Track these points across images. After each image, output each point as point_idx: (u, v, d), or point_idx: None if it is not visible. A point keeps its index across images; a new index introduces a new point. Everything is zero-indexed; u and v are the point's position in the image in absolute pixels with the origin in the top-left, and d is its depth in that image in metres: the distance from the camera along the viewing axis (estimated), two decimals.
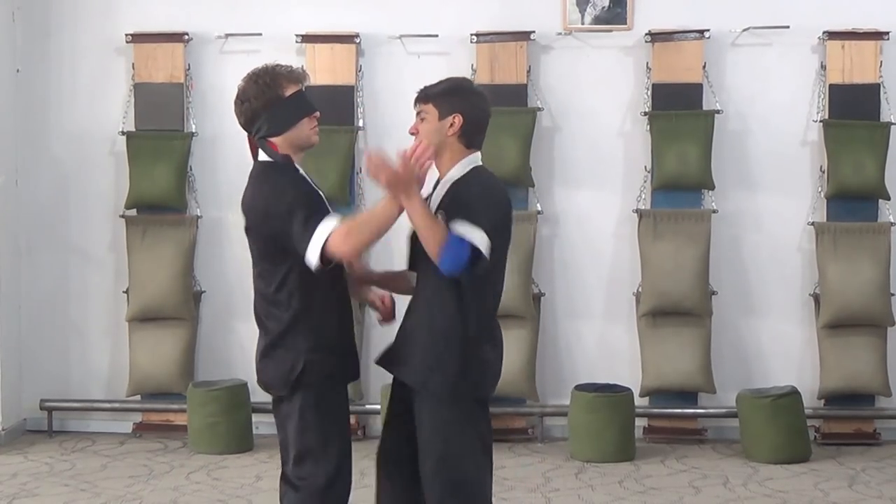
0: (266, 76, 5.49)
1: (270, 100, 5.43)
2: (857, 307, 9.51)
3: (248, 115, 5.50)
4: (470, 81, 6.21)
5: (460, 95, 5.69)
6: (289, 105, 5.47)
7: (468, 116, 5.60)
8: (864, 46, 9.71)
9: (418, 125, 5.63)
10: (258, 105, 5.44)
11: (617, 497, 8.27)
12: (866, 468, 8.90)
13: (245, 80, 5.52)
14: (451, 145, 5.60)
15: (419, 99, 5.69)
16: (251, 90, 5.47)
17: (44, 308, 10.21)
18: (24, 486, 8.53)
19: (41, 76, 10.18)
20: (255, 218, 5.50)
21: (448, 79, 5.92)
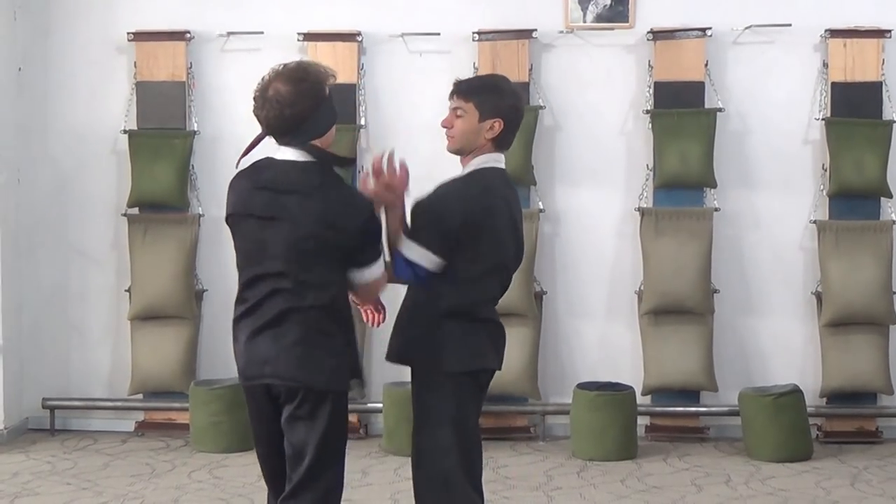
0: (309, 77, 5.35)
1: (318, 101, 5.29)
2: (858, 305, 9.52)
3: (294, 120, 5.26)
4: (509, 81, 6.10)
5: (504, 98, 5.70)
6: (331, 106, 5.38)
7: (509, 122, 5.61)
8: (865, 45, 9.71)
9: (453, 120, 5.62)
10: (307, 108, 5.26)
11: (619, 495, 8.27)
12: (868, 466, 8.90)
13: (283, 83, 5.27)
14: (483, 146, 5.60)
15: (459, 94, 5.66)
16: (298, 94, 5.26)
17: (45, 307, 10.20)
18: (25, 484, 8.54)
19: (43, 74, 10.15)
20: (345, 226, 5.32)
21: (491, 76, 6.27)
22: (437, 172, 5.90)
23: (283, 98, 5.23)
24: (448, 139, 5.66)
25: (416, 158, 8.75)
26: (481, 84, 5.84)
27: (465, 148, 5.64)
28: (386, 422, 9.44)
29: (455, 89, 5.65)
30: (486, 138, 5.58)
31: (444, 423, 5.51)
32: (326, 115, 5.32)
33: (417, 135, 9.56)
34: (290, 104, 5.22)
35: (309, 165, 5.32)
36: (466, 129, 5.59)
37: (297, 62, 5.49)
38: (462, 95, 5.59)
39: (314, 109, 5.24)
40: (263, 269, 5.27)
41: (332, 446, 5.32)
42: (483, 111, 5.56)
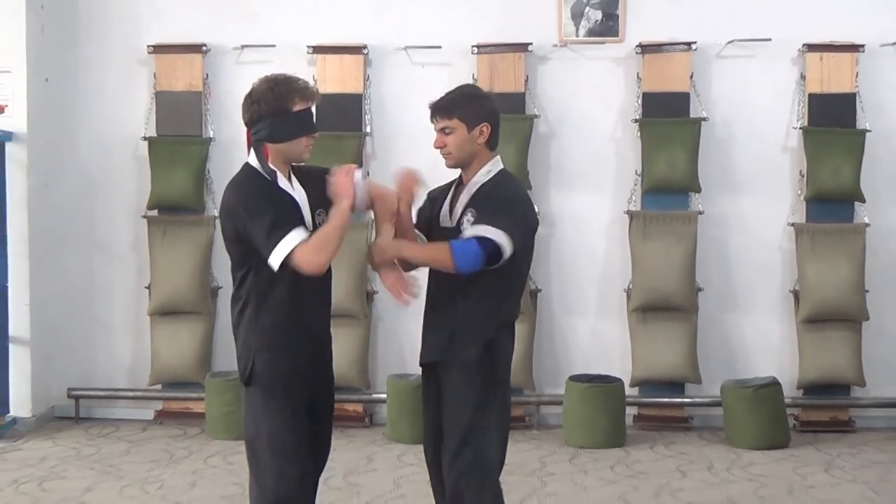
0: (281, 87, 5.43)
1: (279, 110, 5.37)
2: (833, 303, 9.60)
3: (254, 116, 5.43)
4: (478, 87, 6.18)
5: (481, 104, 5.74)
6: (294, 120, 5.43)
7: (493, 123, 5.68)
8: (841, 58, 9.78)
9: (444, 139, 5.65)
10: (266, 110, 5.38)
11: (608, 481, 8.29)
12: (842, 454, 8.97)
13: (261, 83, 5.46)
14: (479, 152, 5.66)
15: (440, 114, 5.68)
16: (264, 94, 5.41)
17: (71, 302, 10.25)
18: (52, 469, 8.57)
19: (69, 85, 10.18)
20: (226, 219, 5.48)
21: (459, 89, 5.92)
22: (438, 176, 6.06)
23: (253, 92, 5.40)
24: (445, 157, 5.69)
25: (418, 162, 8.91)
26: (458, 98, 5.79)
27: (464, 159, 5.69)
28: (389, 412, 9.49)
29: (435, 111, 5.69)
30: (479, 143, 5.64)
31: (494, 426, 5.60)
32: (285, 125, 5.40)
33: (420, 142, 9.42)
34: (255, 99, 5.37)
35: (251, 172, 5.44)
36: (460, 142, 5.63)
37: (286, 75, 5.56)
38: (444, 114, 5.64)
39: (272, 115, 5.34)
40: None
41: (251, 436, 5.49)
42: (470, 121, 5.61)
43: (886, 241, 9.88)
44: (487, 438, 5.52)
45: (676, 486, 8.19)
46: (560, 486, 8.17)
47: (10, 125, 9.69)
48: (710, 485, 8.23)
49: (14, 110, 9.71)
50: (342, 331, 9.31)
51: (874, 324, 9.77)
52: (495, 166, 5.74)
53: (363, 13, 10.06)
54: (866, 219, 9.76)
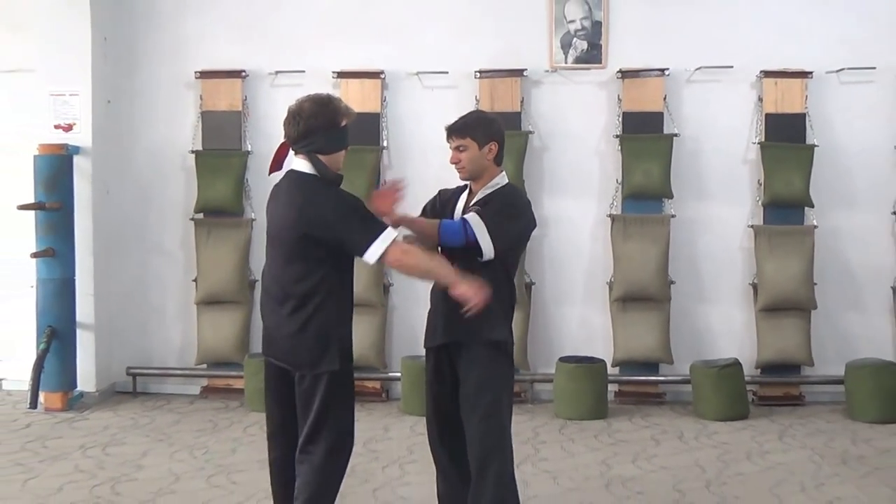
0: (332, 104, 5.51)
1: (331, 124, 5.44)
2: (787, 294, 9.66)
3: (304, 130, 5.42)
4: (486, 112, 6.31)
5: (490, 126, 5.87)
6: (341, 134, 5.51)
7: (500, 142, 5.83)
8: (792, 83, 9.83)
9: (459, 156, 5.80)
10: (318, 124, 5.41)
11: (593, 448, 8.34)
12: (793, 424, 9.05)
13: (309, 102, 5.48)
14: (488, 167, 5.80)
15: (457, 133, 5.82)
16: (317, 112, 5.45)
17: (129, 293, 10.34)
18: (113, 436, 8.67)
19: (127, 106, 10.26)
20: (304, 223, 5.37)
21: (471, 113, 6.17)
22: (445, 182, 6.26)
23: (304, 111, 5.43)
24: (459, 171, 5.84)
25: (428, 172, 9.20)
26: (470, 121, 5.93)
27: (476, 172, 5.83)
28: (403, 388, 9.59)
29: (451, 131, 5.84)
30: (488, 160, 5.78)
31: (508, 389, 5.85)
32: (335, 139, 5.49)
33: (429, 154, 9.72)
34: (307, 117, 5.41)
35: (314, 178, 5.46)
36: (472, 158, 5.78)
37: (329, 94, 5.64)
38: (459, 134, 5.79)
39: (325, 129, 5.42)
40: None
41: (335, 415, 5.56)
42: (480, 141, 5.76)
43: (831, 241, 9.92)
44: (504, 408, 5.72)
45: (651, 452, 8.23)
46: (551, 453, 8.20)
47: (78, 141, 9.77)
48: (680, 451, 8.26)
49: (81, 128, 9.79)
50: (362, 318, 9.38)
51: (821, 312, 9.81)
52: (502, 179, 5.90)
53: (381, 43, 10.08)
54: (815, 221, 9.84)
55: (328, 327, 5.43)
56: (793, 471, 7.72)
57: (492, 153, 5.82)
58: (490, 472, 5.57)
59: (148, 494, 7.11)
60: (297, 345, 5.40)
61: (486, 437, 5.64)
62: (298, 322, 5.39)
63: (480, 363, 5.71)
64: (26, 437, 8.68)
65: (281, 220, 5.45)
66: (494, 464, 5.58)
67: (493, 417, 5.66)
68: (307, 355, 5.37)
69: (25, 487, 7.29)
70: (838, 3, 9.95)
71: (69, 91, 9.79)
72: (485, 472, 5.59)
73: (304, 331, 5.38)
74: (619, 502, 7.03)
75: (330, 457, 5.47)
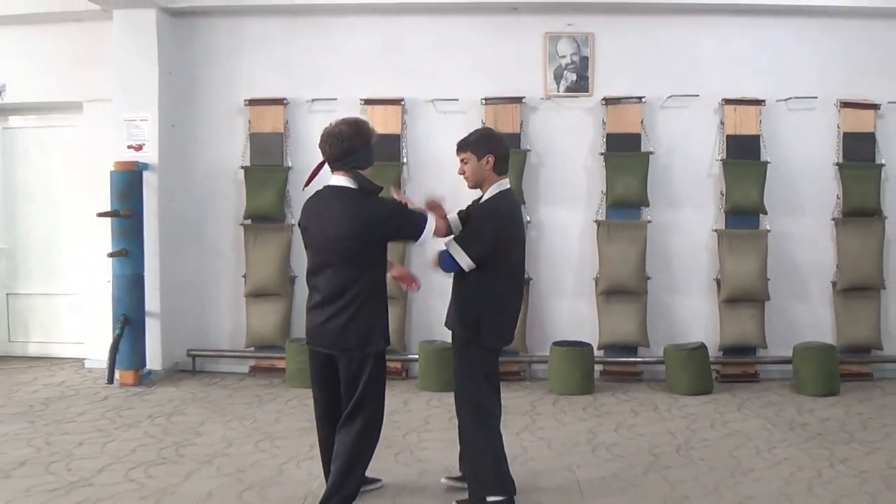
0: (365, 126, 5.71)
1: (365, 142, 5.62)
2: (745, 288, 9.70)
3: (346, 149, 5.55)
4: (492, 129, 6.39)
5: (489, 140, 6.00)
6: (372, 151, 5.70)
7: (497, 153, 5.93)
8: (748, 109, 9.86)
9: (463, 168, 5.97)
10: (357, 144, 5.58)
11: (581, 419, 8.37)
12: (749, 398, 9.11)
13: (346, 125, 5.63)
14: (488, 176, 5.92)
15: (460, 148, 6.00)
16: (354, 132, 5.61)
17: (189, 287, 10.37)
18: (176, 407, 8.76)
19: (188, 128, 10.27)
20: (359, 230, 5.51)
21: (476, 130, 6.24)
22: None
23: (343, 134, 5.58)
24: (466, 180, 6.02)
25: (442, 184, 9.26)
26: (471, 137, 6.04)
27: (478, 181, 5.97)
28: (420, 368, 9.61)
29: (458, 147, 6.01)
30: (487, 170, 5.89)
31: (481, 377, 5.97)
32: (368, 155, 5.68)
33: (443, 169, 9.53)
34: (346, 138, 5.56)
35: (359, 192, 5.61)
36: (473, 169, 5.93)
37: (357, 117, 5.85)
38: (462, 149, 5.97)
39: (362, 148, 5.61)
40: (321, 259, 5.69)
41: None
42: (479, 153, 5.90)
43: (782, 243, 9.93)
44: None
45: (631, 422, 8.28)
46: (546, 423, 8.24)
47: (147, 158, 9.84)
48: (655, 421, 8.31)
49: (149, 148, 9.86)
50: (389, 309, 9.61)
51: (773, 302, 9.84)
52: (499, 187, 5.96)
53: (401, 76, 10.08)
54: (768, 226, 9.88)
55: (374, 316, 5.61)
56: (749, 436, 7.76)
57: (489, 164, 5.91)
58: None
59: (205, 456, 7.19)
60: (348, 332, 5.54)
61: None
62: (351, 313, 5.54)
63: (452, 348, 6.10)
64: (105, 407, 8.76)
65: (336, 230, 5.53)
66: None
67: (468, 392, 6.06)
68: (356, 339, 5.54)
69: (105, 449, 7.37)
70: (786, 44, 9.97)
71: (139, 117, 9.86)
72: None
73: (354, 320, 5.53)
74: (603, 464, 7.05)
75: (367, 428, 5.64)
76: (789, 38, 10.00)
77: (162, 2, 9.88)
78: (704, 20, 9.99)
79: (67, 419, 8.33)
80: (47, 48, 10.49)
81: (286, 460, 7.13)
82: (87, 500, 6.19)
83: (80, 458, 7.18)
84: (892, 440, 7.69)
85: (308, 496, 6.21)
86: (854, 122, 9.94)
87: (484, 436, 5.95)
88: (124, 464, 7.03)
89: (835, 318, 10.01)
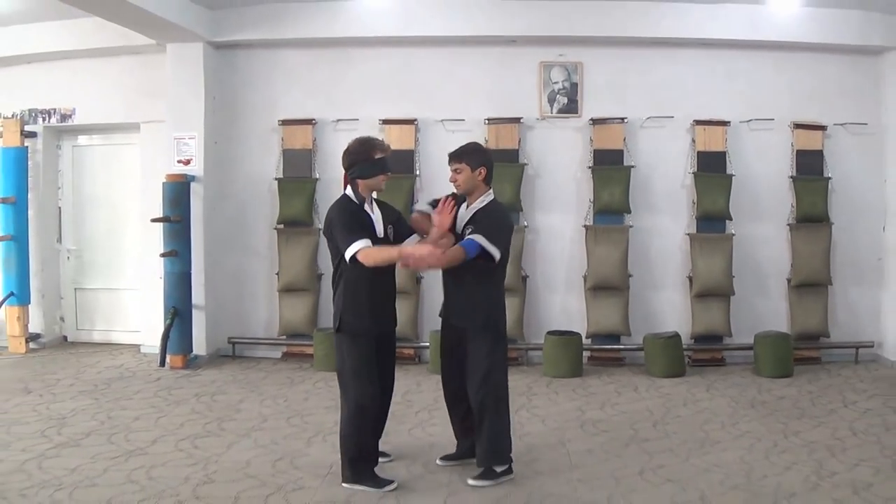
0: (366, 144, 5.82)
1: (365, 157, 5.74)
2: (712, 284, 9.74)
3: (349, 161, 5.78)
4: (480, 144, 6.37)
5: (482, 154, 6.01)
6: (374, 164, 5.75)
7: (489, 166, 5.95)
8: (716, 129, 9.90)
9: (456, 177, 5.95)
10: (357, 158, 5.76)
11: (571, 398, 8.39)
12: (717, 380, 9.14)
13: (354, 142, 5.85)
14: (478, 186, 5.93)
15: (454, 158, 5.98)
16: (357, 148, 5.80)
17: (230, 283, 10.39)
18: (219, 387, 8.81)
19: (229, 145, 10.31)
20: (327, 227, 5.77)
21: (468, 143, 6.20)
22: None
23: (349, 149, 5.83)
24: (456, 188, 6.02)
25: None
26: (466, 149, 6.05)
27: (469, 189, 5.98)
28: (431, 354, 9.53)
29: (451, 157, 6.00)
30: (479, 180, 5.92)
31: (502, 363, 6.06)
32: (370, 168, 5.73)
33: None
34: (351, 153, 5.79)
35: (345, 197, 5.80)
36: (466, 178, 5.93)
37: (369, 136, 5.94)
38: (457, 159, 5.97)
39: (362, 161, 5.73)
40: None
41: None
42: (473, 165, 5.91)
43: (745, 245, 9.96)
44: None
45: (614, 401, 8.31)
46: (540, 402, 8.26)
47: (194, 171, 9.93)
48: (635, 400, 8.35)
49: (196, 162, 9.95)
50: (402, 302, 9.20)
51: (738, 297, 9.88)
52: (488, 197, 5.98)
53: (414, 99, 10.08)
54: (733, 230, 9.91)
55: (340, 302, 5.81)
56: (716, 413, 7.83)
57: (482, 175, 5.94)
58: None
59: (244, 430, 7.26)
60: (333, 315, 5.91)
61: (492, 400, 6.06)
62: (333, 298, 5.87)
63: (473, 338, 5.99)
64: (157, 387, 8.83)
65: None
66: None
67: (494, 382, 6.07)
68: (334, 321, 5.88)
69: (158, 423, 7.47)
70: (748, 74, 10.00)
71: (188, 135, 9.95)
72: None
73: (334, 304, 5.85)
74: (591, 437, 7.11)
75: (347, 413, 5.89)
76: (751, 69, 10.02)
77: (208, 36, 9.93)
78: (679, 52, 9.99)
79: (126, 397, 8.41)
80: (111, 77, 10.59)
81: (314, 434, 7.19)
82: (142, 467, 6.28)
83: (137, 430, 7.26)
84: (837, 415, 7.77)
85: (333, 465, 6.25)
86: (805, 141, 10.00)
87: (505, 414, 6.05)
88: (175, 436, 7.11)
89: (789, 310, 10.02)
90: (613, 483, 6.01)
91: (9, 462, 6.36)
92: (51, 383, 8.95)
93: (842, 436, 7.08)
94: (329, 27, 9.95)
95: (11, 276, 10.60)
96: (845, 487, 5.86)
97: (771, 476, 6.09)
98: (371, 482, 5.88)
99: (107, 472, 6.18)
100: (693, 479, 6.05)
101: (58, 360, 10.18)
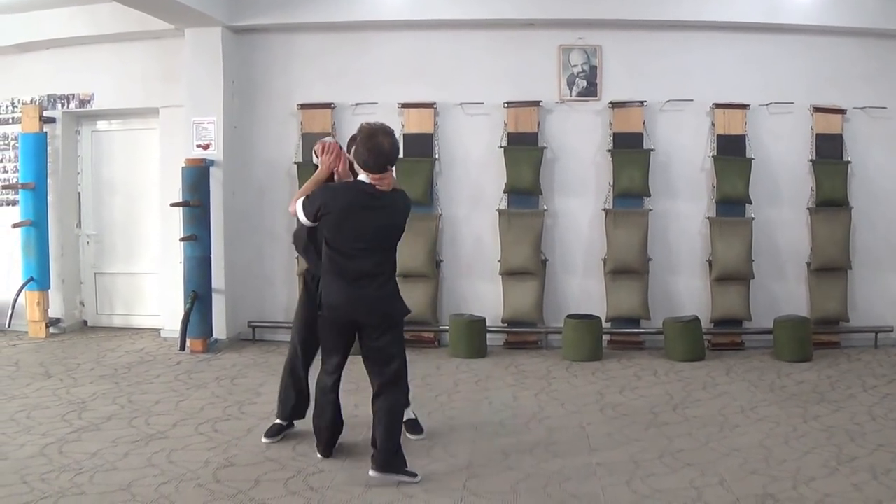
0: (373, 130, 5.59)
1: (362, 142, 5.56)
2: (732, 268, 9.69)
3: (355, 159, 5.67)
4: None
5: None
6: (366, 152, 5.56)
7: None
8: (736, 112, 9.86)
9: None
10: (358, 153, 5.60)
11: (590, 382, 8.40)
12: (736, 364, 9.13)
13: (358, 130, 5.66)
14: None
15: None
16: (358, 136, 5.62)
17: (249, 266, 10.43)
18: (239, 371, 8.85)
19: (249, 130, 10.35)
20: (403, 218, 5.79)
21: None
22: (480, 183, 6.27)
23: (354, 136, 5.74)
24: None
25: (468, 179, 9.24)
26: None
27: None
28: (451, 338, 9.61)
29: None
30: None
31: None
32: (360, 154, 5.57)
33: (470, 165, 9.93)
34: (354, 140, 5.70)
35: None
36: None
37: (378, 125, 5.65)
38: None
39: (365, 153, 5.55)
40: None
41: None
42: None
43: (764, 229, 9.93)
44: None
45: (634, 385, 8.32)
46: (560, 386, 8.27)
47: (213, 156, 9.94)
48: (655, 384, 8.34)
49: (215, 147, 9.97)
50: (420, 286, 9.63)
51: (757, 281, 9.84)
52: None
53: (433, 83, 10.08)
54: (752, 214, 9.86)
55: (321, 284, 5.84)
56: (735, 397, 7.81)
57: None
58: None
59: (264, 413, 7.24)
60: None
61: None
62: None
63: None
64: (177, 370, 8.87)
65: None
66: None
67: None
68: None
69: (178, 407, 7.50)
70: (768, 57, 9.94)
71: (207, 120, 9.98)
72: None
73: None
74: (610, 421, 7.09)
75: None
76: (771, 52, 9.97)
77: (226, 21, 9.95)
78: (698, 35, 9.95)
79: (146, 381, 8.44)
80: (129, 62, 10.61)
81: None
82: (163, 450, 6.31)
83: (157, 413, 7.30)
84: (856, 400, 7.75)
85: (352, 449, 6.29)
86: (825, 125, 9.95)
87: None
88: (195, 419, 7.14)
89: (809, 294, 10.00)
90: (633, 467, 6.00)
91: (30, 446, 6.40)
92: (71, 367, 9.01)
93: (861, 420, 7.06)
94: (347, 11, 9.96)
95: (31, 261, 10.67)
96: (864, 472, 5.84)
97: (790, 460, 6.08)
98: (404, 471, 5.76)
99: (127, 455, 6.21)
100: (712, 464, 6.04)
101: (78, 344, 10.25)
